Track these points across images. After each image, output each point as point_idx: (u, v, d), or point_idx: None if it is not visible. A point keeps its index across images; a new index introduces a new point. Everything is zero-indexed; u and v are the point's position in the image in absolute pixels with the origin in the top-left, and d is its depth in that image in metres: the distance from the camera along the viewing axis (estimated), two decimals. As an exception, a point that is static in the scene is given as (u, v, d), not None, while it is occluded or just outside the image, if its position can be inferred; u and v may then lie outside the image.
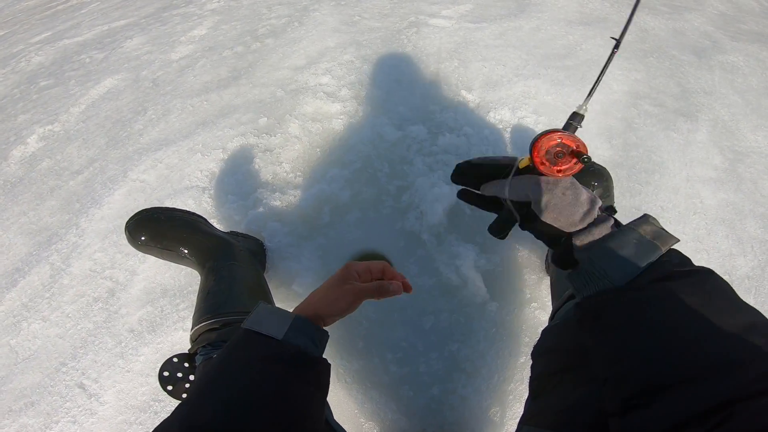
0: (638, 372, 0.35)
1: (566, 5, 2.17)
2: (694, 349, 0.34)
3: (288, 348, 0.52)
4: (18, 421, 0.99)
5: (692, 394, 0.31)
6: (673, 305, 0.37)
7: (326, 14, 2.11)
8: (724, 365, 0.32)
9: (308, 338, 0.54)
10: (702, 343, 0.34)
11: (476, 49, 1.80)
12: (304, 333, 0.54)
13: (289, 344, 0.52)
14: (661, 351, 0.35)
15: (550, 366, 0.48)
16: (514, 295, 1.09)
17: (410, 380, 0.98)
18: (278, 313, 0.56)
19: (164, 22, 2.41)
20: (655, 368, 0.35)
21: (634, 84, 1.68)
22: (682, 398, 0.32)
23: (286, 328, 0.53)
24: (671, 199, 1.29)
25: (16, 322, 1.16)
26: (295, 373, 0.50)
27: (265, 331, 0.52)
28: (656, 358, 0.35)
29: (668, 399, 0.32)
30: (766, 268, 1.17)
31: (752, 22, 2.23)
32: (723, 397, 0.30)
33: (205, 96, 1.71)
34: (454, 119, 1.47)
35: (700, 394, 0.31)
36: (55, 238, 1.32)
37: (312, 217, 1.23)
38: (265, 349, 0.51)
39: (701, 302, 0.37)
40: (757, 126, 1.55)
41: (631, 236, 0.43)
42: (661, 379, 0.34)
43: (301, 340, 0.53)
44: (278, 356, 0.51)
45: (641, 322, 0.38)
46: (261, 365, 0.49)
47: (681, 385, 0.32)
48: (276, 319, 0.54)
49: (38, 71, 2.27)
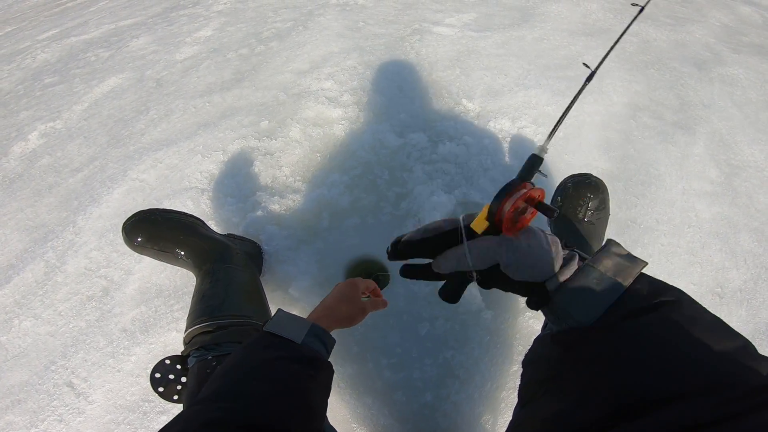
0: (610, 399, 0.37)
1: (569, 16, 2.20)
2: (663, 378, 0.36)
3: (306, 351, 0.57)
4: (3, 418, 0.99)
5: (660, 416, 0.33)
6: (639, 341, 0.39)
7: (331, 19, 2.13)
8: (692, 391, 0.34)
9: (322, 344, 0.61)
10: (670, 372, 0.36)
11: (478, 58, 1.81)
12: (319, 339, 0.61)
13: (308, 348, 0.57)
14: (630, 381, 0.37)
15: (538, 374, 0.49)
16: (509, 304, 1.09)
17: (404, 386, 0.98)
18: (297, 320, 0.61)
19: (171, 23, 2.43)
20: (624, 396, 0.36)
21: (634, 96, 1.69)
22: (651, 420, 0.34)
23: (305, 334, 0.58)
24: (666, 212, 1.29)
25: (8, 319, 1.15)
26: (312, 374, 0.55)
27: (286, 334, 0.58)
28: (625, 387, 0.37)
29: (639, 422, 0.34)
30: (759, 281, 1.17)
31: (754, 35, 2.25)
32: (688, 423, 0.32)
33: (207, 97, 1.72)
34: (455, 128, 1.48)
35: (666, 417, 0.33)
36: (51, 235, 1.32)
37: (311, 222, 1.23)
38: (286, 351, 0.56)
39: (667, 335, 0.38)
40: (754, 140, 1.56)
41: (592, 275, 0.44)
42: (631, 405, 0.36)
43: (317, 345, 0.60)
44: (298, 358, 0.55)
45: (609, 358, 0.40)
46: (284, 364, 0.54)
47: (651, 409, 0.34)
48: (295, 325, 0.60)
49: (44, 68, 2.28)
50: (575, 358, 0.43)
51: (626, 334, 0.39)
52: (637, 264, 0.44)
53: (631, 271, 0.43)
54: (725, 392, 0.33)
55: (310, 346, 0.58)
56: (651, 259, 1.19)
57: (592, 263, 0.45)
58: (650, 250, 1.21)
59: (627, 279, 0.43)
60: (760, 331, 1.10)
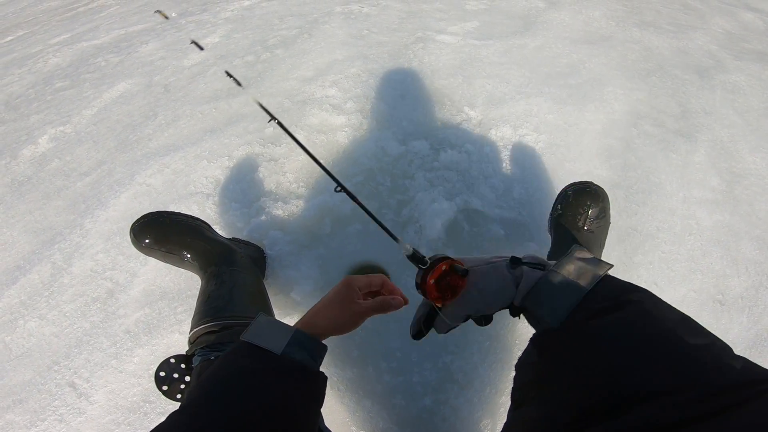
0: (582, 399, 0.39)
1: (571, 24, 2.21)
2: (621, 380, 0.37)
3: (286, 362, 0.53)
4: (4, 417, 1.00)
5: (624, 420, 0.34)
6: (597, 343, 0.40)
7: (336, 27, 2.16)
8: (650, 393, 0.35)
9: (307, 352, 0.55)
10: (629, 372, 0.37)
11: (481, 66, 1.83)
12: (304, 347, 0.55)
13: (287, 358, 0.53)
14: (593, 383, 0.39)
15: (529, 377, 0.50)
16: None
17: (403, 390, 0.99)
18: (278, 327, 0.57)
19: (179, 29, 2.47)
20: (591, 396, 0.38)
21: (636, 104, 1.70)
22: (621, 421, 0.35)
23: (286, 342, 0.54)
24: (667, 220, 1.30)
25: (13, 319, 1.17)
26: (293, 386, 0.52)
27: (264, 344, 0.53)
28: (590, 389, 0.38)
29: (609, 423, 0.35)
30: (760, 289, 1.17)
31: (756, 41, 2.25)
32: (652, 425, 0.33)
33: (214, 103, 1.75)
34: (456, 135, 1.49)
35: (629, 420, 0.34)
36: (58, 237, 1.35)
37: (313, 228, 1.25)
38: (264, 363, 0.52)
39: (626, 333, 0.40)
40: (756, 147, 1.57)
41: (555, 279, 0.47)
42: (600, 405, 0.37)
43: (300, 354, 0.54)
44: (276, 370, 0.52)
45: (574, 361, 0.41)
46: (259, 378, 0.50)
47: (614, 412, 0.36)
48: (276, 333, 0.55)
49: (55, 72, 2.32)
50: (550, 360, 0.45)
51: (588, 334, 0.41)
52: (601, 266, 0.46)
53: (593, 273, 0.45)
54: (688, 392, 0.33)
55: (290, 356, 0.53)
56: (652, 266, 1.20)
57: (556, 268, 0.47)
58: (651, 257, 1.21)
59: (589, 281, 0.45)
60: (761, 338, 1.10)
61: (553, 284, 0.46)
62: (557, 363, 0.44)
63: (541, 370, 0.46)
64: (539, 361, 0.47)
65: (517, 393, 0.52)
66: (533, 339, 0.50)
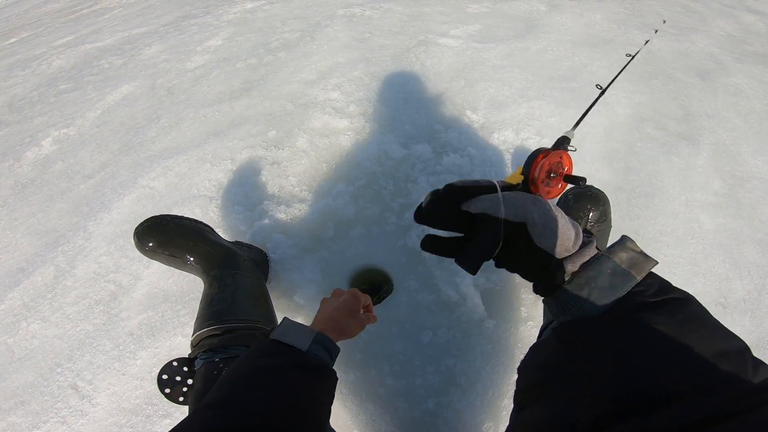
0: (610, 395, 0.37)
1: (573, 27, 2.22)
2: (665, 375, 0.36)
3: (312, 359, 0.58)
4: (6, 419, 1.00)
5: (661, 416, 0.33)
6: (645, 336, 0.39)
7: (338, 30, 2.17)
8: (692, 390, 0.34)
9: (327, 352, 0.62)
10: (672, 370, 0.36)
11: (483, 69, 1.84)
12: (325, 347, 0.62)
13: (312, 355, 0.58)
14: (633, 376, 0.37)
15: (533, 380, 0.50)
16: (511, 313, 1.10)
17: (406, 393, 0.99)
18: (302, 328, 0.62)
19: (182, 31, 2.48)
20: (626, 392, 0.37)
21: (638, 107, 1.70)
22: (652, 419, 0.34)
23: (310, 341, 0.60)
24: (670, 224, 1.30)
25: (16, 322, 1.18)
26: (317, 382, 0.56)
27: (292, 342, 0.58)
28: (627, 383, 0.37)
29: (637, 420, 0.34)
30: (763, 292, 1.17)
31: (758, 44, 2.25)
32: (690, 420, 0.32)
33: (217, 106, 1.75)
34: (459, 139, 1.50)
35: (667, 416, 0.33)
36: (62, 240, 1.35)
37: (316, 231, 1.25)
38: (290, 358, 0.57)
39: (674, 332, 0.38)
40: (758, 150, 1.57)
41: (606, 265, 0.44)
42: (631, 402, 0.36)
43: (321, 353, 0.60)
44: (302, 365, 0.56)
45: (615, 351, 0.39)
46: (290, 372, 0.55)
47: (651, 408, 0.34)
48: (300, 333, 0.61)
49: (58, 74, 2.34)
50: (576, 353, 0.43)
51: (634, 328, 0.40)
52: (649, 261, 0.44)
53: (644, 266, 0.44)
54: (724, 393, 0.33)
55: (314, 354, 0.59)
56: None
57: (608, 254, 0.45)
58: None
59: (640, 272, 0.43)
60: (764, 341, 1.10)
61: (604, 269, 0.44)
62: (585, 354, 0.42)
63: (554, 371, 0.45)
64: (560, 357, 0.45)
65: (520, 395, 0.52)
66: (558, 330, 0.45)
